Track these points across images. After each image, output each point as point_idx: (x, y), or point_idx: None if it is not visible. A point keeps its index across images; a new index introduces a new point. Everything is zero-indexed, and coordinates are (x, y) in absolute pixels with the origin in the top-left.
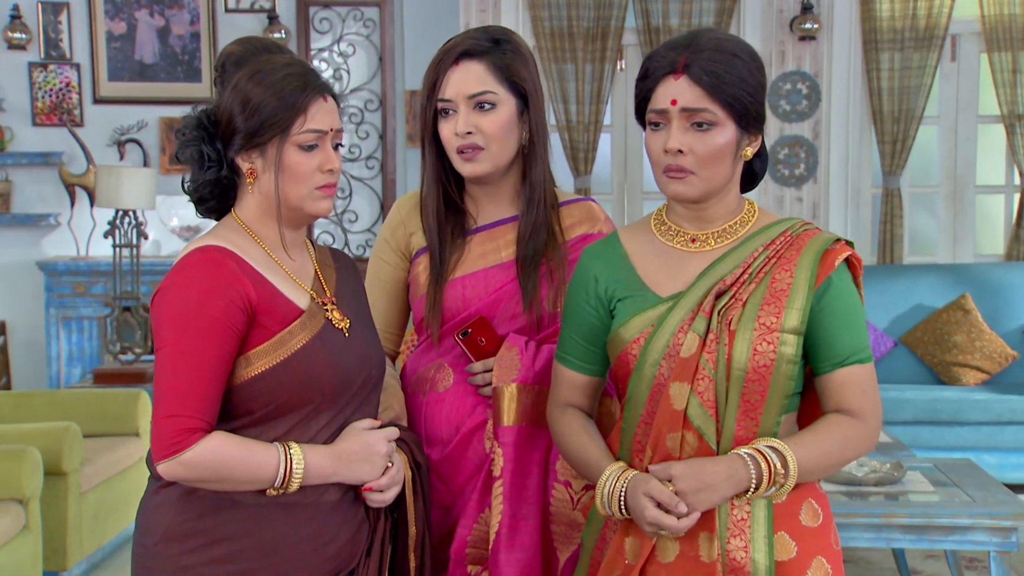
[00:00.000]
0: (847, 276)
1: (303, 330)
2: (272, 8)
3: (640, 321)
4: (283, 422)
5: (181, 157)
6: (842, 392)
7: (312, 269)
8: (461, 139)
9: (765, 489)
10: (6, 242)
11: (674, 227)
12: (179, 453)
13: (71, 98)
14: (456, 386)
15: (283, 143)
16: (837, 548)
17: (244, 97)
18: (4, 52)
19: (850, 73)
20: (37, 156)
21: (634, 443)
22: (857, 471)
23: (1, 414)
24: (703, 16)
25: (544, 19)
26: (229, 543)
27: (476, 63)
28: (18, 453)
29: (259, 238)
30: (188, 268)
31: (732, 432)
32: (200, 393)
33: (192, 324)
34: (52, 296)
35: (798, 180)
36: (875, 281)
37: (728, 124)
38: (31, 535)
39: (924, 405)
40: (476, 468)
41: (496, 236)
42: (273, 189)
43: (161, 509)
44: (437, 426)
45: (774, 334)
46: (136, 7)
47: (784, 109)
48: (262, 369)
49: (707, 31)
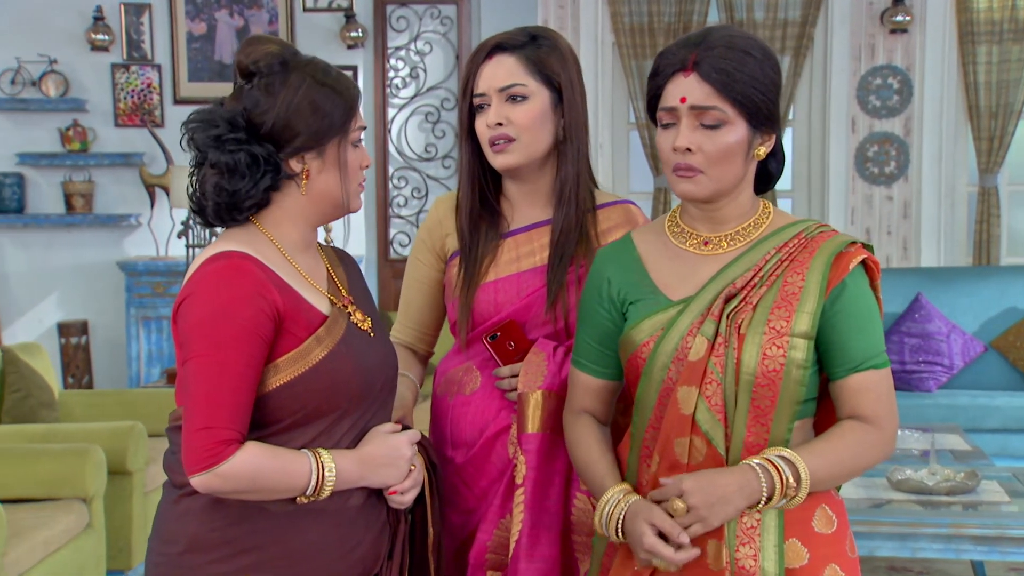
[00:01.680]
0: (863, 279)
1: (328, 335)
2: (349, 7)
3: (650, 324)
4: (311, 428)
5: (221, 162)
6: (857, 398)
7: (324, 270)
8: (492, 130)
9: (777, 500)
10: (88, 242)
11: (687, 229)
12: (216, 466)
13: (152, 99)
14: (483, 389)
15: (344, 142)
16: (853, 555)
17: (314, 98)
18: (88, 54)
19: (944, 67)
20: (118, 157)
21: (642, 448)
22: (929, 480)
23: (72, 413)
24: (789, 9)
25: (624, 15)
26: (258, 552)
27: (508, 56)
28: (82, 452)
29: (277, 242)
30: (213, 275)
31: (742, 438)
32: (233, 404)
33: (222, 334)
34: (132, 296)
35: (888, 178)
36: (965, 283)
37: (739, 123)
38: (95, 534)
39: (1014, 412)
40: (499, 473)
41: (531, 240)
42: (328, 188)
43: (185, 518)
44: (462, 429)
45: (784, 338)
46: (216, 7)
47: (873, 105)
48: (291, 377)
49: (721, 28)
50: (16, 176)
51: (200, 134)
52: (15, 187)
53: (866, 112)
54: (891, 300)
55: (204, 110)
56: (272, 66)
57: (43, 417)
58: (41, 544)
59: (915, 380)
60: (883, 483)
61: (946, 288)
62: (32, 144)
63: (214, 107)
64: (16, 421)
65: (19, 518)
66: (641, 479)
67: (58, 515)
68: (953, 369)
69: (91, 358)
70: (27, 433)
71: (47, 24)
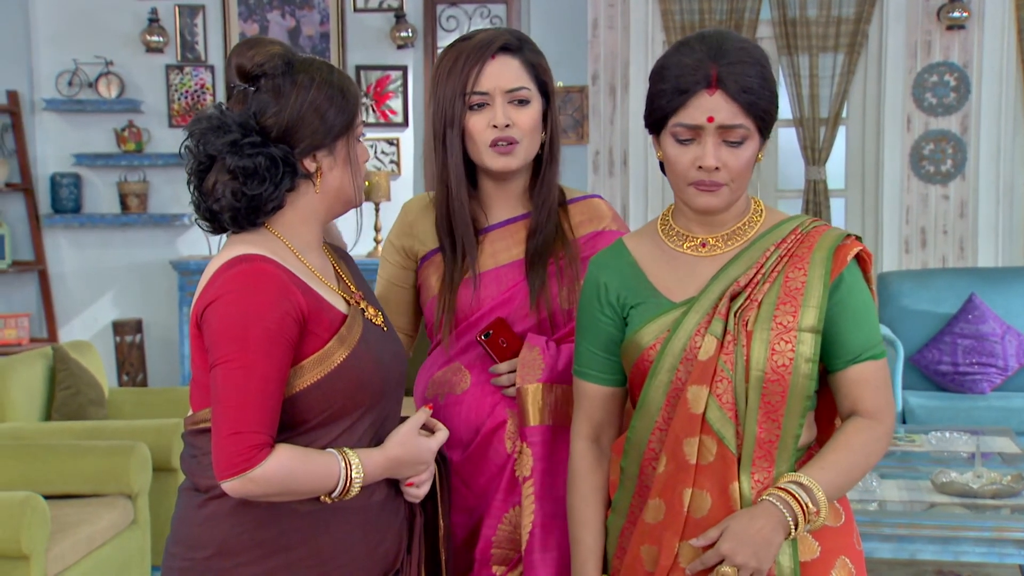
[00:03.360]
0: (858, 272)
1: (350, 334)
2: (400, 7)
3: (655, 327)
4: (336, 427)
5: (239, 166)
6: (857, 389)
7: (332, 268)
8: (499, 131)
9: (802, 528)
10: (143, 242)
11: (682, 231)
12: (249, 470)
13: (205, 99)
14: (474, 388)
15: (352, 137)
16: (859, 548)
17: (323, 97)
18: (143, 55)
19: (1003, 64)
20: (172, 157)
21: (646, 450)
22: (974, 483)
23: (121, 410)
24: (843, 7)
25: (675, 12)
26: (287, 553)
27: (512, 58)
28: (127, 449)
29: (289, 242)
30: (237, 279)
31: (754, 435)
32: (263, 408)
33: (251, 338)
34: (185, 295)
35: (944, 177)
36: (1020, 283)
37: (756, 136)
38: (139, 530)
39: None
40: (498, 469)
41: (507, 235)
42: (340, 184)
43: (212, 522)
44: (456, 428)
45: (791, 333)
46: (268, 8)
47: (930, 102)
48: (317, 378)
49: (725, 35)
50: (73, 176)
51: (213, 140)
52: (72, 187)
53: (922, 110)
54: (944, 301)
55: (210, 116)
56: (277, 68)
57: (92, 414)
58: (85, 540)
59: (968, 382)
60: (927, 486)
61: (1001, 289)
62: (88, 145)
63: (219, 112)
64: (65, 418)
65: (64, 514)
66: (644, 481)
67: (103, 511)
68: (1008, 371)
69: (145, 356)
70: (74, 430)
71: (103, 26)
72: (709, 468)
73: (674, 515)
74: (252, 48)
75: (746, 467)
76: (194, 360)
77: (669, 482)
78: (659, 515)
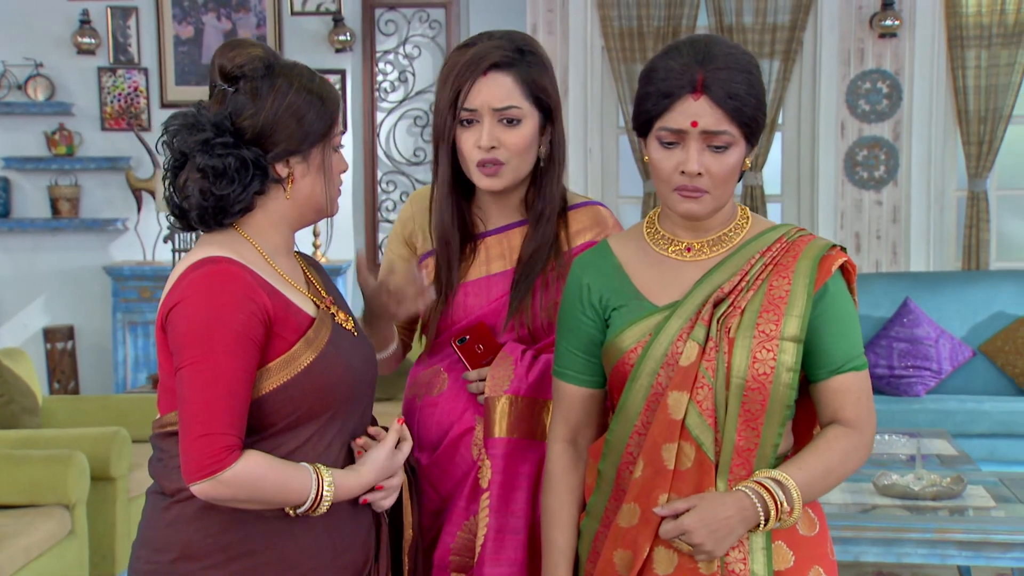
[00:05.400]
0: (842, 282)
1: (317, 337)
2: (338, 10)
3: (637, 330)
4: (303, 430)
5: (209, 166)
6: (839, 400)
7: (302, 272)
8: (484, 153)
9: (772, 523)
10: (75, 247)
11: (668, 235)
12: (218, 472)
13: (139, 103)
14: (449, 391)
15: (326, 146)
16: (833, 558)
17: (301, 103)
18: (74, 57)
19: (933, 71)
20: (105, 161)
21: (624, 454)
22: (914, 485)
23: (56, 418)
24: (778, 14)
25: (613, 18)
26: (251, 557)
27: (504, 75)
28: (65, 458)
29: (258, 245)
30: (202, 281)
31: (732, 442)
32: (230, 409)
33: (217, 339)
34: (119, 301)
35: (877, 183)
36: (954, 288)
37: (741, 143)
38: (77, 540)
39: (1002, 417)
40: (463, 474)
41: (501, 242)
42: (311, 192)
43: (177, 525)
44: (428, 431)
45: (773, 342)
46: (203, 11)
47: (863, 109)
48: (282, 381)
49: (717, 40)
50: (1, 180)
51: (186, 138)
52: (0, 191)
53: (855, 116)
54: (880, 305)
55: (186, 113)
56: (257, 70)
57: (25, 423)
58: (22, 551)
59: (904, 385)
60: (869, 488)
61: (935, 293)
62: (17, 148)
63: (196, 110)
64: None
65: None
66: (620, 485)
67: (40, 521)
68: (942, 374)
69: (77, 363)
70: (9, 439)
71: (33, 27)
72: (686, 474)
73: (648, 519)
74: (234, 49)
75: (723, 474)
76: (160, 363)
77: (646, 487)
78: (633, 519)
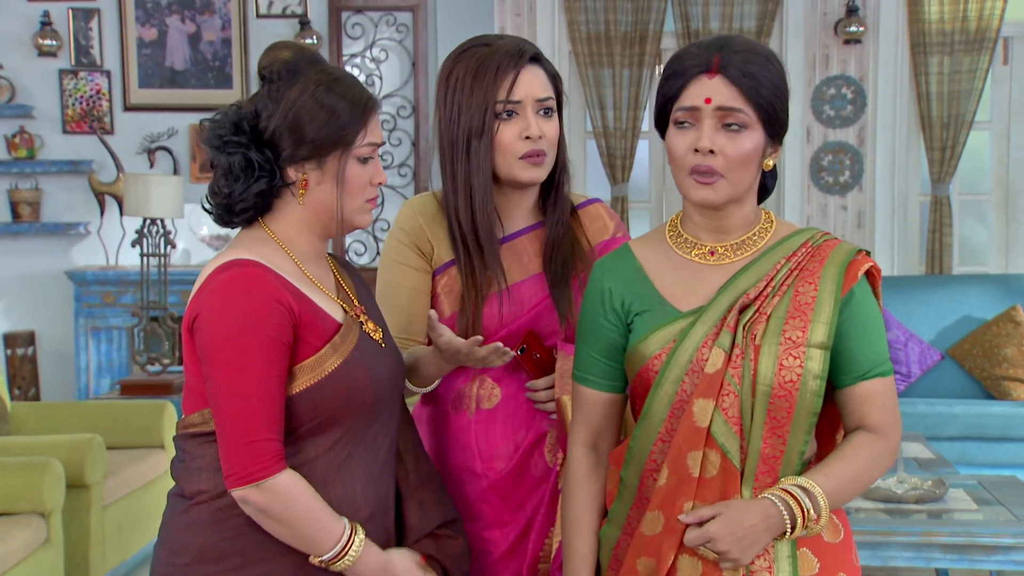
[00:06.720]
0: (867, 287)
1: (344, 343)
2: (304, 14)
3: (661, 336)
4: (324, 438)
5: (220, 163)
6: (865, 406)
7: (333, 279)
8: (532, 143)
9: (798, 531)
10: (36, 251)
11: (691, 239)
12: (265, 479)
13: (101, 105)
14: (505, 401)
15: (346, 155)
16: (857, 564)
17: (314, 108)
18: (34, 59)
19: (897, 77)
20: (67, 164)
21: (648, 462)
22: (897, 488)
23: (26, 425)
24: (744, 20)
25: (581, 23)
26: (266, 563)
27: (540, 68)
28: (40, 465)
29: (289, 250)
30: (231, 284)
31: (758, 450)
32: (268, 414)
33: (250, 343)
34: (81, 306)
35: (843, 188)
36: (921, 292)
37: (758, 128)
38: (52, 548)
39: (971, 420)
40: (538, 481)
41: (520, 247)
42: (326, 201)
43: (193, 528)
44: (493, 443)
45: (800, 348)
46: (167, 13)
47: (828, 115)
48: (306, 385)
49: (737, 36)
50: None
51: (210, 134)
52: None
53: (820, 122)
54: None
55: (222, 110)
56: (280, 73)
57: None
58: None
59: None
60: None
61: (903, 297)
62: None
63: (232, 108)
64: None
65: None
66: (643, 493)
67: (15, 530)
68: (911, 377)
69: (38, 369)
70: None
71: None
72: (712, 482)
73: (673, 527)
74: (271, 51)
75: (749, 482)
76: (187, 365)
77: (670, 494)
78: (657, 527)
